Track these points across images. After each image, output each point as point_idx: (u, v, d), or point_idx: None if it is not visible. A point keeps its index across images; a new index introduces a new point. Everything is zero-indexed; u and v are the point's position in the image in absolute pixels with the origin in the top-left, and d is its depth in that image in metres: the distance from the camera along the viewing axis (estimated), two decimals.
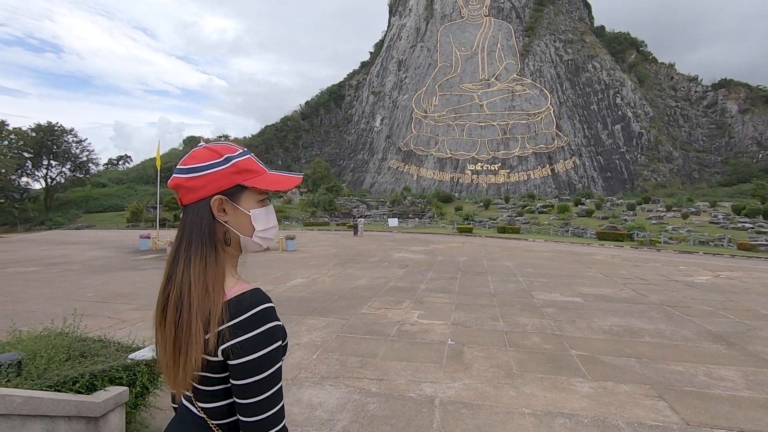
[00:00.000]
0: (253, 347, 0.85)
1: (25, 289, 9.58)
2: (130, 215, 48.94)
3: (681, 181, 66.57)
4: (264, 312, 0.89)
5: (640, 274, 13.16)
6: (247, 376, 0.85)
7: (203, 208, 0.95)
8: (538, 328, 6.52)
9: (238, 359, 0.85)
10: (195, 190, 0.95)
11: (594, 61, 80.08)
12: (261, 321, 0.87)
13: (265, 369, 0.86)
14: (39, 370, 2.59)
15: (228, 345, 0.85)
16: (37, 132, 60.05)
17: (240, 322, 0.86)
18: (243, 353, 0.85)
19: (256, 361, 0.85)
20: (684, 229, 32.58)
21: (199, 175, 0.94)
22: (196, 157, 0.97)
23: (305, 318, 6.94)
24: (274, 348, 0.88)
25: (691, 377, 4.61)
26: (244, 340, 0.85)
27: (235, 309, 0.88)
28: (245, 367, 0.85)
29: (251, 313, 0.87)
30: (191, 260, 0.91)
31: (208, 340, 0.86)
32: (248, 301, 0.89)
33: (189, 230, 0.94)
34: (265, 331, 0.87)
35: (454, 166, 76.56)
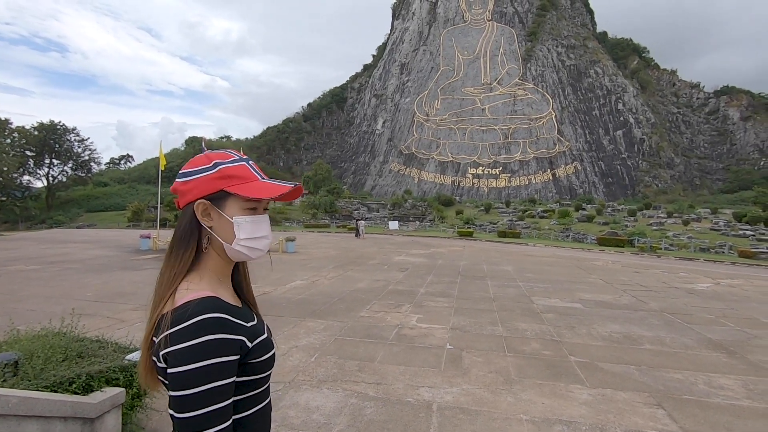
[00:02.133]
0: (182, 359, 0.80)
1: (25, 287, 9.59)
2: (131, 215, 48.96)
3: (682, 188, 66.53)
4: (205, 322, 0.83)
5: (641, 280, 13.13)
6: (176, 388, 0.81)
7: (188, 211, 0.98)
8: (537, 334, 6.50)
9: (171, 368, 0.82)
10: (185, 194, 0.97)
11: (596, 66, 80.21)
12: (199, 331, 0.82)
13: (190, 385, 0.80)
14: (36, 370, 2.58)
15: (164, 352, 0.84)
16: (39, 131, 60.23)
17: (177, 331, 0.82)
18: (174, 363, 0.81)
19: (182, 374, 0.80)
20: (685, 236, 32.51)
21: (188, 180, 0.97)
22: (192, 162, 1.00)
23: (304, 320, 6.92)
24: (214, 363, 0.81)
25: (691, 385, 4.59)
26: (176, 350, 0.81)
27: (176, 316, 0.85)
28: (174, 378, 0.81)
29: (189, 323, 0.82)
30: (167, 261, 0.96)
31: (156, 345, 0.87)
32: (191, 310, 0.84)
33: (176, 232, 0.98)
34: (203, 344, 0.81)
35: (456, 169, 76.60)
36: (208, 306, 0.86)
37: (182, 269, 0.95)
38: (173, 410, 0.82)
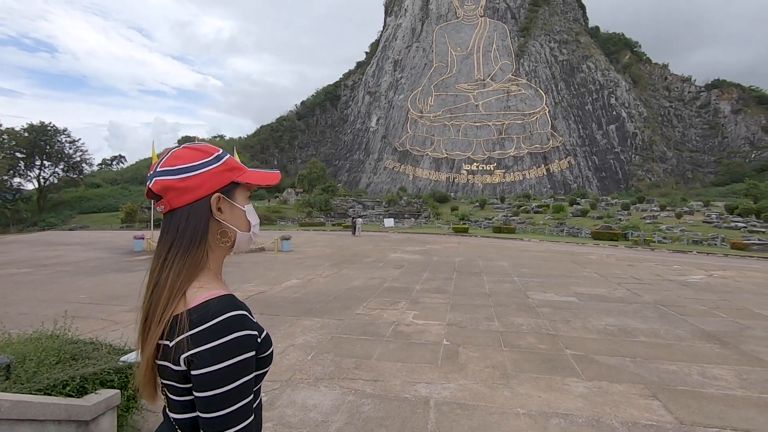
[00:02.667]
0: (214, 358, 0.80)
1: (16, 290, 9.49)
2: (124, 216, 48.60)
3: (675, 181, 67.11)
4: (229, 321, 0.83)
5: (635, 273, 13.23)
6: (208, 389, 0.80)
7: (202, 207, 0.93)
8: (533, 328, 6.53)
9: (198, 370, 0.80)
10: (191, 191, 0.91)
11: (589, 61, 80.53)
12: (224, 331, 0.82)
13: (226, 383, 0.80)
14: (28, 373, 2.55)
15: (188, 354, 0.81)
16: (29, 132, 59.52)
17: (201, 331, 0.81)
18: (203, 364, 0.80)
19: (216, 373, 0.80)
20: (678, 229, 32.79)
21: (193, 175, 0.92)
22: (181, 157, 0.94)
23: (300, 319, 6.91)
24: (241, 359, 0.82)
25: (685, 376, 4.63)
26: (204, 350, 0.80)
27: (198, 316, 0.83)
28: (205, 379, 0.80)
29: (215, 322, 0.82)
30: (173, 263, 0.89)
31: (171, 348, 0.83)
32: (214, 309, 0.84)
33: (182, 232, 0.91)
34: (228, 342, 0.81)
35: (450, 166, 76.72)
36: (229, 304, 0.86)
37: (196, 269, 0.92)
38: (202, 411, 0.81)
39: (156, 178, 0.91)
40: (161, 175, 0.91)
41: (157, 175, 0.91)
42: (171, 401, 0.90)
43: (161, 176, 0.91)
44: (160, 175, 0.91)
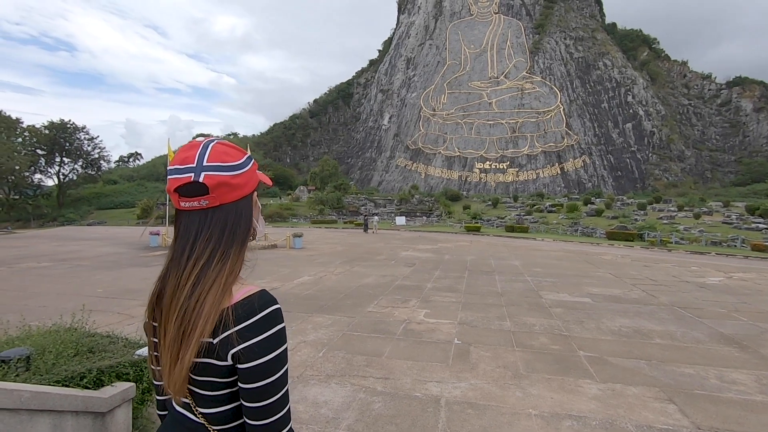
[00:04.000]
0: (264, 350, 0.84)
1: (37, 284, 9.73)
2: (140, 212, 49.54)
3: (693, 181, 65.66)
4: (273, 314, 0.88)
5: (651, 274, 12.99)
6: (258, 380, 0.85)
7: (246, 204, 0.95)
8: (545, 329, 6.46)
9: (248, 363, 0.84)
10: (240, 188, 0.93)
11: (605, 58, 79.18)
12: (271, 323, 0.87)
13: (274, 372, 0.86)
14: (47, 365, 2.61)
15: (238, 349, 0.84)
16: (50, 129, 61.05)
17: (249, 325, 0.85)
18: (254, 357, 0.84)
19: (266, 363, 0.85)
20: (696, 230, 32.11)
21: (243, 172, 0.93)
22: (229, 154, 0.92)
23: (311, 316, 6.95)
24: (283, 350, 0.88)
25: (702, 380, 4.53)
26: (254, 343, 0.84)
27: (244, 311, 0.86)
28: (255, 371, 0.84)
29: (261, 316, 0.86)
30: (227, 258, 0.90)
31: (216, 345, 0.85)
32: (258, 303, 0.88)
33: (235, 228, 0.92)
34: (275, 334, 0.86)
35: (463, 164, 76.30)
36: (269, 298, 0.90)
37: (241, 265, 0.95)
38: (251, 401, 0.86)
39: (207, 173, 0.88)
40: (213, 170, 0.89)
41: (208, 170, 0.88)
42: (201, 397, 0.91)
43: (213, 171, 0.89)
44: (211, 170, 0.89)
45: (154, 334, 0.95)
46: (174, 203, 0.92)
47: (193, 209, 0.90)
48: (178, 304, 0.87)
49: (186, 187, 0.88)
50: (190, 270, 0.88)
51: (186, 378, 0.87)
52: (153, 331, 0.95)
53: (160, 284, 0.93)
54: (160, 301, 0.92)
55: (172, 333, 0.87)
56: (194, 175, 0.87)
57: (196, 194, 0.88)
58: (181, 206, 0.91)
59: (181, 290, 0.87)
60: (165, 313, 0.89)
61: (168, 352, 0.88)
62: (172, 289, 0.89)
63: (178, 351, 0.86)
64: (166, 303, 0.89)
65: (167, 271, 0.92)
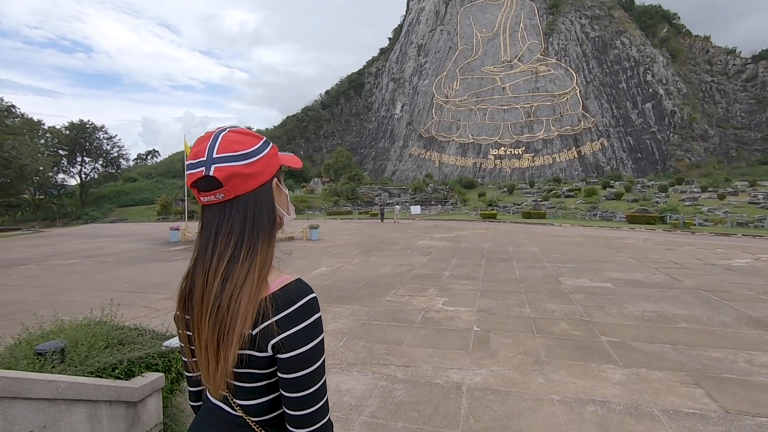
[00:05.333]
0: (304, 339, 0.83)
1: (65, 280, 10.08)
2: (160, 208, 50.61)
3: (717, 160, 63.53)
4: (311, 303, 0.87)
5: (674, 258, 12.69)
6: (298, 370, 0.84)
7: (266, 193, 0.92)
8: (566, 315, 6.39)
9: (289, 353, 0.83)
10: (256, 176, 0.89)
11: (622, 37, 76.68)
12: (309, 312, 0.85)
13: (314, 361, 0.85)
14: (81, 357, 2.71)
15: (278, 339, 0.82)
16: (70, 130, 62.65)
17: (289, 315, 0.84)
18: (294, 346, 0.83)
19: (306, 353, 0.84)
20: (721, 211, 31.19)
21: (256, 159, 0.89)
22: (240, 142, 0.89)
23: (331, 306, 7.02)
24: (321, 339, 0.87)
25: (731, 364, 4.43)
26: (294, 333, 0.83)
27: (282, 301, 0.84)
28: (296, 361, 0.83)
29: (300, 305, 0.85)
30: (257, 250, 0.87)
31: (255, 336, 0.83)
32: (296, 293, 0.86)
33: (258, 219, 0.89)
34: (313, 323, 0.85)
35: (477, 151, 75.41)
36: (306, 287, 0.89)
37: (272, 256, 0.92)
38: (292, 391, 0.85)
39: (217, 165, 0.85)
40: (223, 162, 0.85)
41: (217, 162, 0.85)
42: (240, 389, 0.89)
43: (223, 162, 0.85)
44: (221, 162, 0.85)
45: (187, 327, 0.94)
46: (197, 198, 0.91)
47: (211, 203, 0.88)
48: (209, 301, 0.85)
49: (200, 182, 0.86)
50: (216, 266, 0.86)
51: (229, 375, 0.86)
52: (185, 324, 0.94)
53: (188, 281, 0.91)
54: (191, 297, 0.90)
55: (207, 332, 0.86)
56: (205, 169, 0.85)
57: (211, 188, 0.86)
58: (201, 201, 0.89)
59: (210, 287, 0.85)
60: (197, 311, 0.88)
61: (205, 350, 0.87)
62: (200, 286, 0.87)
63: (217, 349, 0.85)
64: (197, 300, 0.88)
65: (194, 267, 0.90)
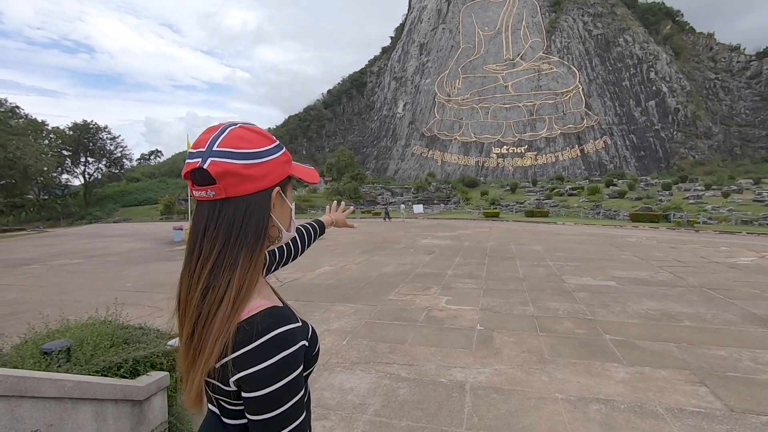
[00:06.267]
0: (266, 381, 0.72)
1: (70, 280, 10.13)
2: (163, 208, 50.82)
3: (721, 158, 63.15)
4: (278, 338, 0.74)
5: (678, 256, 12.64)
6: (260, 412, 0.73)
7: (263, 201, 0.81)
8: (569, 313, 6.38)
9: (250, 393, 0.73)
10: (254, 180, 0.79)
11: (625, 34, 76.30)
12: (275, 349, 0.73)
13: (280, 405, 0.73)
14: (86, 356, 2.73)
15: (237, 377, 0.73)
16: (74, 130, 62.94)
17: (248, 352, 0.72)
18: (255, 387, 0.72)
19: (269, 395, 0.72)
20: (725, 209, 31.02)
21: (259, 162, 0.79)
22: (246, 139, 0.79)
23: (334, 305, 7.03)
24: (291, 379, 0.75)
25: (735, 362, 4.42)
26: (254, 373, 0.72)
27: (243, 335, 0.73)
28: (258, 402, 0.73)
29: (262, 342, 0.73)
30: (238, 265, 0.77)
31: (218, 369, 0.75)
32: (261, 326, 0.74)
33: (244, 228, 0.78)
34: (280, 361, 0.73)
35: (479, 150, 75.26)
36: (275, 318, 0.77)
37: (259, 272, 0.81)
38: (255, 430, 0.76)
39: (213, 159, 0.76)
40: (221, 156, 0.76)
41: (215, 155, 0.76)
42: (224, 408, 0.83)
43: (221, 157, 0.76)
44: (219, 156, 0.76)
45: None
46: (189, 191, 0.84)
47: (203, 199, 0.80)
48: (190, 309, 0.78)
49: (193, 174, 0.78)
50: (199, 272, 0.78)
51: (198, 398, 0.81)
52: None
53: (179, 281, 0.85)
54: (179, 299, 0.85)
55: (184, 341, 0.80)
56: (201, 160, 0.76)
57: (204, 183, 0.77)
58: (194, 195, 0.81)
59: (192, 294, 0.78)
60: (180, 315, 0.82)
61: (183, 361, 0.80)
62: (185, 290, 0.81)
63: (188, 370, 0.79)
64: (182, 305, 0.82)
65: (183, 267, 0.83)
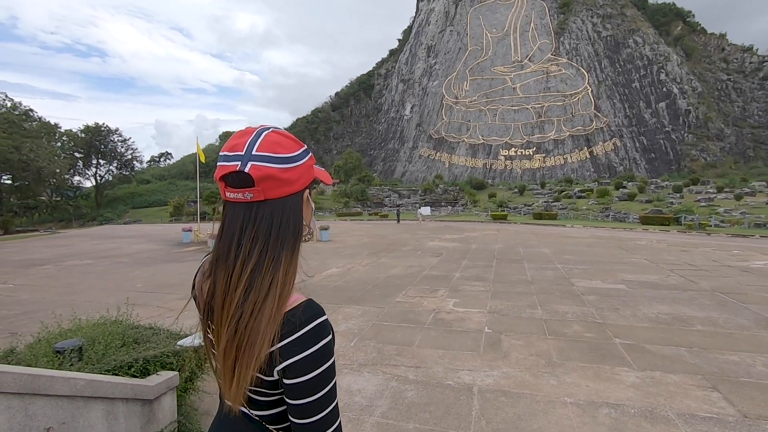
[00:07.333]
0: (310, 366, 0.78)
1: (81, 280, 10.26)
2: (172, 210, 51.27)
3: (734, 160, 62.18)
4: (319, 327, 0.81)
5: (689, 259, 12.47)
6: (303, 397, 0.79)
7: (297, 203, 0.87)
8: (578, 316, 6.33)
9: (294, 379, 0.79)
10: (290, 183, 0.84)
11: (635, 35, 75.61)
12: (316, 338, 0.80)
13: (321, 388, 0.80)
14: (98, 355, 2.76)
15: (283, 365, 0.79)
16: (86, 133, 63.95)
17: (294, 341, 0.79)
18: (299, 373, 0.78)
19: (312, 380, 0.79)
20: (737, 211, 30.53)
21: (294, 166, 0.84)
22: (282, 144, 0.84)
23: (341, 307, 7.05)
24: (330, 364, 0.81)
25: (749, 368, 4.35)
26: (298, 360, 0.78)
27: (288, 326, 0.80)
28: (301, 388, 0.79)
29: (306, 330, 0.79)
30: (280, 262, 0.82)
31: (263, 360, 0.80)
32: (303, 316, 0.81)
33: (284, 228, 0.83)
34: (321, 348, 0.79)
35: (487, 152, 74.94)
36: (314, 309, 0.83)
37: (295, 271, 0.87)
38: (296, 417, 0.80)
39: (254, 163, 0.80)
40: (262, 161, 0.81)
41: (256, 160, 0.81)
42: (254, 401, 0.87)
43: (262, 162, 0.81)
44: (259, 161, 0.81)
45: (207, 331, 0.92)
46: (221, 192, 0.86)
47: (237, 201, 0.83)
48: (231, 308, 0.81)
49: (231, 177, 0.81)
50: (239, 272, 0.81)
51: (244, 393, 0.85)
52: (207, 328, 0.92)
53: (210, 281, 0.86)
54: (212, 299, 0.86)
55: (224, 342, 0.82)
56: (240, 164, 0.80)
57: (241, 185, 0.81)
58: (227, 197, 0.84)
59: (232, 293, 0.81)
60: (218, 316, 0.84)
61: (223, 361, 0.84)
62: (222, 290, 0.83)
63: (234, 366, 0.81)
64: (218, 305, 0.83)
65: (216, 267, 0.85)
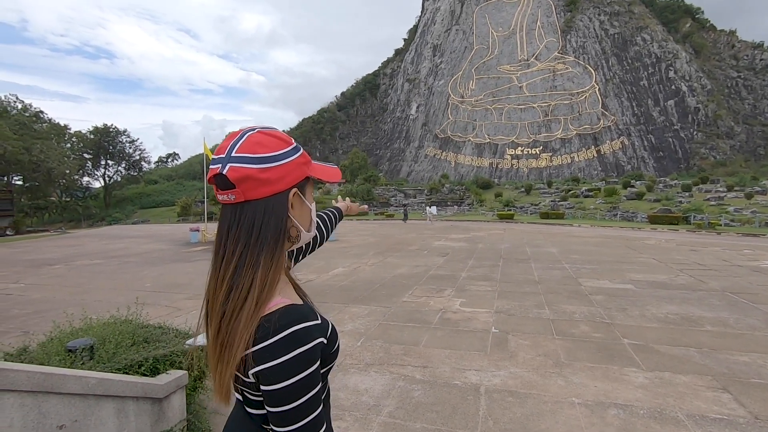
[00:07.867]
0: (281, 375, 0.75)
1: (91, 280, 10.38)
2: (180, 210, 51.71)
3: (744, 158, 61.39)
4: (294, 336, 0.77)
5: (698, 259, 12.34)
6: (278, 405, 0.77)
7: (280, 203, 0.84)
8: (586, 316, 6.29)
9: (267, 386, 0.76)
10: (271, 183, 0.82)
11: (643, 33, 74.91)
12: (289, 347, 0.76)
13: (296, 398, 0.76)
14: (109, 354, 2.80)
15: (255, 371, 0.77)
16: (94, 134, 64.77)
17: (266, 347, 0.76)
18: (271, 381, 0.76)
19: (286, 389, 0.75)
20: (748, 210, 30.17)
21: (275, 166, 0.82)
22: (262, 143, 0.83)
23: (348, 306, 7.06)
24: (306, 375, 0.77)
25: (759, 368, 4.30)
26: (269, 368, 0.75)
27: (262, 331, 0.77)
28: (273, 395, 0.76)
29: (279, 338, 0.76)
30: (259, 265, 0.81)
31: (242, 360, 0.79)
32: (279, 323, 0.78)
33: (264, 229, 0.82)
34: (294, 358, 0.76)
35: (493, 151, 74.68)
36: (293, 316, 0.80)
37: (280, 272, 0.85)
38: (274, 424, 0.79)
39: (232, 164, 0.80)
40: (239, 162, 0.80)
41: (234, 161, 0.80)
42: (248, 399, 0.87)
43: (239, 163, 0.80)
44: (237, 161, 0.80)
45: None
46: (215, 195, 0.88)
47: (226, 203, 0.84)
48: (216, 306, 0.82)
49: (216, 179, 0.82)
50: (224, 272, 0.82)
51: (227, 392, 0.85)
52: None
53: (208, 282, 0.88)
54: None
55: (212, 338, 0.83)
56: (221, 166, 0.80)
57: (224, 187, 0.82)
58: (218, 199, 0.85)
59: (218, 293, 0.82)
60: (209, 314, 0.86)
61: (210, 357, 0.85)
62: (212, 289, 0.84)
63: (216, 364, 0.82)
64: (210, 304, 0.85)
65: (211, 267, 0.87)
